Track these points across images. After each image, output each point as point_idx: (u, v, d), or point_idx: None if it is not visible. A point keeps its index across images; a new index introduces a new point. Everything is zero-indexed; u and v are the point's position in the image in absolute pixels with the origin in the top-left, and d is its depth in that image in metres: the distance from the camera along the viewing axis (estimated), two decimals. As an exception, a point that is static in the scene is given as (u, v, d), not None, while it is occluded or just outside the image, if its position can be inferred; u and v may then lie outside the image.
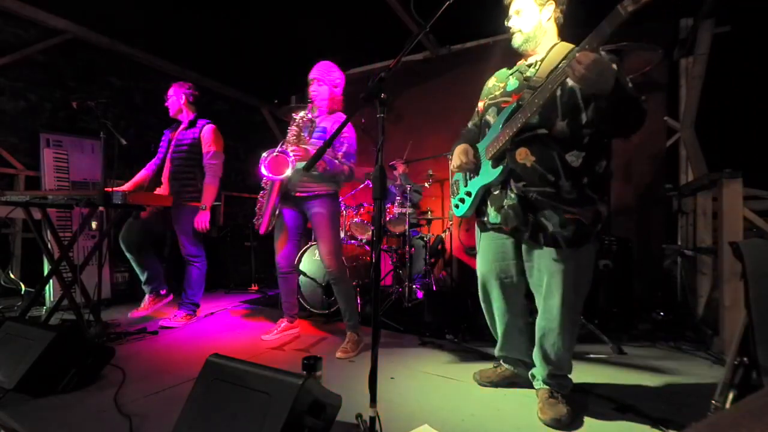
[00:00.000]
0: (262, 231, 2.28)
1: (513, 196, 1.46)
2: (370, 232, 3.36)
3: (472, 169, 1.59)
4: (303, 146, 2.17)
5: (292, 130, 2.21)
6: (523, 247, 1.53)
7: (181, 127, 2.82)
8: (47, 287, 2.92)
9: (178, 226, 2.69)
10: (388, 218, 3.31)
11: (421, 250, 3.50)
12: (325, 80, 2.26)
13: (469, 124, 1.77)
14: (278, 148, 2.14)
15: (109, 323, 2.54)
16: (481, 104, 1.70)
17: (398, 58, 1.28)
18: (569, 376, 1.58)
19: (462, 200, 1.67)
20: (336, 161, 2.19)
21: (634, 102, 1.28)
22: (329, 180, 2.27)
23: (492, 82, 1.68)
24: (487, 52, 3.79)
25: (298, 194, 2.27)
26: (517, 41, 1.53)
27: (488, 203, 1.56)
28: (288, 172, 2.09)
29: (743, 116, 2.97)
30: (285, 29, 3.57)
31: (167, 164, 2.78)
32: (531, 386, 1.65)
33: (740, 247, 1.26)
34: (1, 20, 3.05)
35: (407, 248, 3.21)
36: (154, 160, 2.91)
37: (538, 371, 1.59)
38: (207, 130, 2.75)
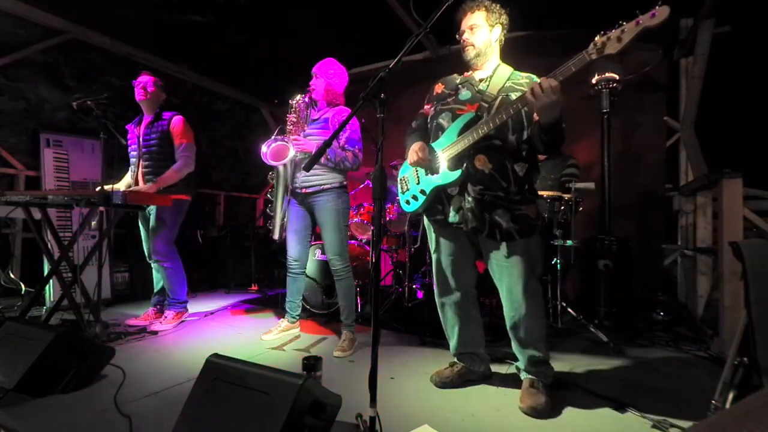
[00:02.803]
0: (276, 238, 2.30)
1: (470, 199, 1.57)
2: (370, 232, 3.36)
3: (428, 166, 1.67)
4: (303, 138, 2.24)
5: (290, 117, 2.30)
6: (483, 247, 1.66)
7: (146, 120, 2.69)
8: (47, 287, 2.91)
9: (153, 221, 2.61)
10: (388, 218, 3.31)
11: (422, 250, 3.50)
12: (322, 73, 2.34)
13: (414, 124, 1.85)
14: (279, 137, 2.21)
15: (109, 323, 2.54)
16: (427, 107, 1.79)
17: (398, 58, 1.28)
18: (550, 364, 1.67)
19: (414, 197, 1.74)
20: (338, 149, 2.24)
21: (563, 130, 1.47)
22: (334, 170, 2.28)
23: (440, 89, 1.78)
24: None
25: (303, 190, 2.28)
26: (469, 55, 1.66)
27: (445, 203, 1.65)
28: (290, 154, 2.15)
29: (743, 116, 2.98)
30: (285, 29, 3.57)
31: (139, 161, 2.66)
32: (484, 381, 1.80)
33: (740, 247, 1.27)
34: (1, 20, 3.05)
35: (407, 248, 3.21)
36: (131, 159, 2.74)
37: (521, 362, 1.68)
38: (176, 121, 2.63)
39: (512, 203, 1.56)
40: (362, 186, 3.77)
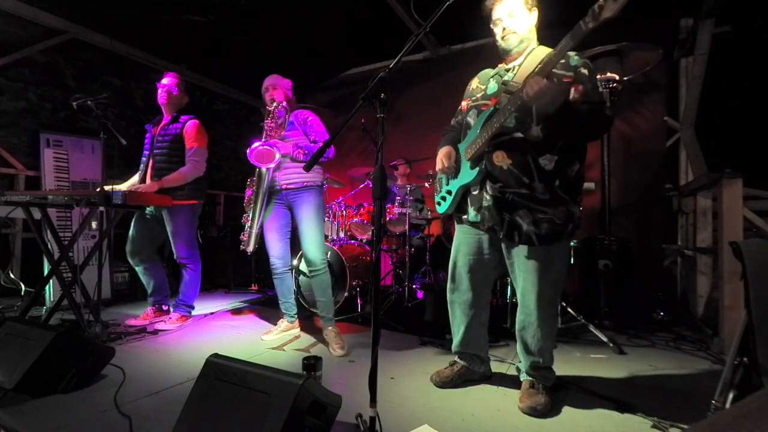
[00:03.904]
0: (250, 250, 2.33)
1: (489, 197, 1.53)
2: (370, 232, 3.36)
3: (453, 172, 1.66)
4: (282, 141, 2.32)
5: (268, 122, 2.37)
6: (503, 246, 1.60)
7: (163, 122, 2.70)
8: (47, 287, 2.91)
9: (170, 227, 2.61)
10: (388, 218, 3.31)
11: (422, 250, 3.50)
12: (279, 85, 2.44)
13: (453, 122, 1.83)
14: (265, 142, 2.27)
15: (109, 323, 2.54)
16: (464, 104, 1.75)
17: (398, 58, 1.28)
18: (552, 368, 1.65)
19: (444, 198, 1.74)
20: (312, 144, 2.35)
21: (587, 119, 1.36)
22: (314, 169, 2.35)
23: (475, 84, 1.73)
24: (487, 52, 3.77)
25: (285, 186, 2.33)
26: (512, 43, 1.53)
27: (468, 202, 1.63)
28: (277, 157, 2.22)
29: (743, 116, 2.97)
30: (285, 29, 3.57)
31: (150, 162, 2.66)
32: (484, 381, 1.79)
33: (740, 247, 1.26)
34: (1, 20, 3.04)
35: (407, 248, 3.21)
36: (143, 159, 2.72)
37: (522, 364, 1.66)
38: (190, 125, 2.65)
39: (537, 203, 1.46)
40: (362, 186, 3.77)
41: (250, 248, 2.33)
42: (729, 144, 2.99)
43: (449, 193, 1.69)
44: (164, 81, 2.69)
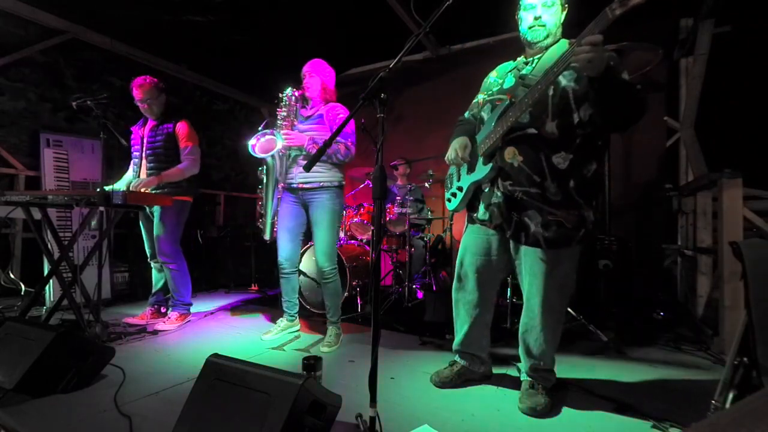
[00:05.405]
0: (267, 238, 2.32)
1: (499, 194, 1.50)
2: (370, 232, 3.36)
3: (467, 163, 1.60)
4: (295, 131, 2.26)
5: (281, 111, 2.33)
6: (511, 246, 1.57)
7: (151, 123, 2.73)
8: (47, 287, 2.91)
9: (158, 222, 2.61)
10: (388, 218, 3.31)
11: (421, 250, 3.50)
12: (317, 72, 2.35)
13: (466, 114, 1.77)
14: (267, 131, 2.24)
15: (109, 323, 2.54)
16: (480, 97, 1.69)
17: (398, 58, 1.28)
18: (553, 369, 1.64)
19: (454, 194, 1.70)
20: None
21: (628, 90, 1.29)
22: (332, 168, 2.29)
23: (493, 77, 1.68)
24: (487, 52, 3.79)
25: (301, 185, 2.27)
26: (539, 36, 1.47)
27: (480, 199, 1.59)
28: (277, 147, 2.18)
29: (743, 116, 2.97)
30: (285, 29, 3.57)
31: (143, 162, 2.69)
32: (484, 381, 1.79)
33: (740, 247, 1.26)
34: (1, 20, 3.04)
35: (407, 248, 3.21)
36: (134, 159, 2.76)
37: (523, 365, 1.66)
38: (182, 125, 2.70)
39: (548, 204, 1.41)
40: (362, 186, 3.77)
41: (267, 237, 2.33)
42: (729, 144, 2.99)
43: (460, 189, 1.65)
44: (138, 97, 2.67)
